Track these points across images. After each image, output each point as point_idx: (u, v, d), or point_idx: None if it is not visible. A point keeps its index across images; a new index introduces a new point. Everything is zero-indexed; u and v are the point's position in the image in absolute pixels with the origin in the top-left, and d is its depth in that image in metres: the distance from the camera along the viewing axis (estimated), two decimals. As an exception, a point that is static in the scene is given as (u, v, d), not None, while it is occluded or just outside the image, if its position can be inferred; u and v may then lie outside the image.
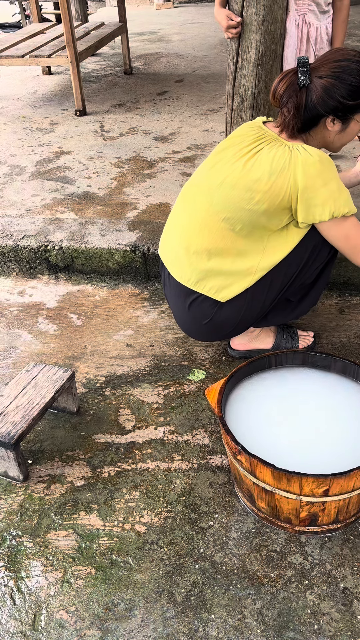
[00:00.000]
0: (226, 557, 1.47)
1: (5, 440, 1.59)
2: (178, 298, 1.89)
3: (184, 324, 1.96)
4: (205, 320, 1.85)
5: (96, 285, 2.59)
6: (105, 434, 1.84)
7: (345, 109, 1.62)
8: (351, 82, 1.59)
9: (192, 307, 1.85)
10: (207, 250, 1.76)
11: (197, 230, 1.77)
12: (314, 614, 1.35)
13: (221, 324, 1.85)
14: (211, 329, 1.89)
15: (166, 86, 4.73)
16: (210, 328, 1.88)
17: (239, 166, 1.68)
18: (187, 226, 1.81)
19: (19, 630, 1.35)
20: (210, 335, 1.95)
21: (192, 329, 1.94)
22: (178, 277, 1.84)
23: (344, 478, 1.34)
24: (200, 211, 1.77)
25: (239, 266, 1.75)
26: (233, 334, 1.96)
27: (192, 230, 1.79)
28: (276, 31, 2.35)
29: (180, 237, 1.83)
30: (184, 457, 1.74)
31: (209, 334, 1.94)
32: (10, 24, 9.13)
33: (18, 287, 2.61)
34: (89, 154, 3.51)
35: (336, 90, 1.59)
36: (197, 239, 1.77)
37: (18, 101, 4.54)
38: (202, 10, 7.99)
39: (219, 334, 1.93)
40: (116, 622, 1.35)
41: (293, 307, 1.97)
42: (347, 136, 1.72)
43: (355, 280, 2.42)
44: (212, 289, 1.79)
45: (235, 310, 1.82)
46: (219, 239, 1.74)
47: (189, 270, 1.81)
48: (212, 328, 1.88)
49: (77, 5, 5.77)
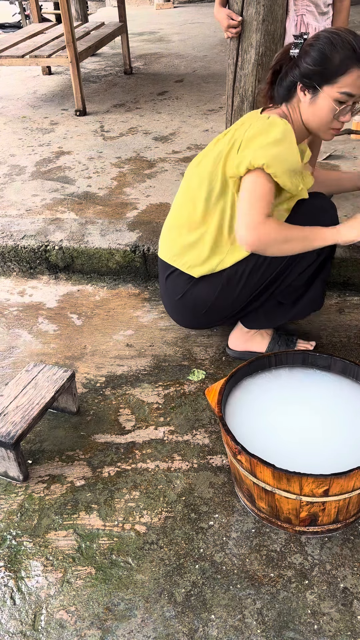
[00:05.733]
0: (226, 557, 1.47)
1: (5, 440, 1.59)
2: (160, 275, 1.98)
3: (164, 302, 2.02)
4: (177, 295, 1.90)
5: (96, 285, 2.59)
6: (105, 434, 1.84)
7: (309, 75, 1.61)
8: (319, 49, 1.60)
9: (168, 282, 1.92)
10: (186, 225, 1.83)
11: (179, 206, 1.88)
12: (314, 614, 1.35)
13: (193, 302, 1.88)
14: (185, 306, 1.92)
15: (166, 86, 4.73)
16: (184, 305, 1.91)
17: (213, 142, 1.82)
18: (175, 204, 1.91)
19: (19, 630, 1.35)
20: (187, 316, 1.97)
21: (169, 307, 2.00)
22: (160, 253, 1.93)
23: (344, 478, 1.34)
24: (184, 189, 1.87)
25: (214, 245, 1.79)
26: (212, 318, 1.95)
27: (175, 208, 1.89)
28: (276, 31, 2.35)
29: (169, 216, 1.94)
30: (184, 457, 1.74)
31: (185, 314, 1.96)
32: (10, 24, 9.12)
33: (18, 287, 2.61)
34: (89, 154, 3.51)
35: (305, 57, 1.62)
36: (178, 213, 1.87)
37: (18, 101, 4.54)
38: (202, 10, 7.99)
39: (195, 315, 1.93)
40: (116, 622, 1.35)
41: (288, 309, 1.97)
42: (319, 112, 1.64)
43: (355, 280, 2.42)
44: (186, 264, 1.84)
45: (208, 289, 1.85)
46: (197, 212, 1.79)
47: (169, 245, 1.90)
48: (185, 305, 1.91)
49: (77, 5, 5.77)
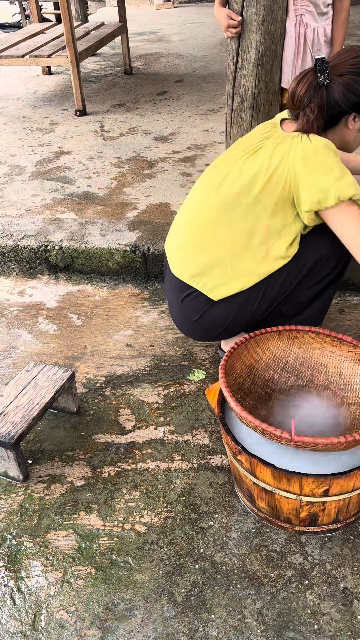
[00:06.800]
0: (226, 557, 1.47)
1: (5, 440, 1.59)
2: (173, 292, 1.89)
3: (176, 319, 1.96)
4: (195, 317, 1.85)
5: (96, 285, 2.59)
6: (105, 434, 1.84)
7: None
8: None
9: (185, 302, 1.84)
10: (207, 246, 1.76)
11: (200, 226, 1.78)
12: (314, 614, 1.35)
13: (210, 323, 1.85)
14: (200, 327, 1.88)
15: (166, 86, 4.73)
16: (200, 326, 1.87)
17: (240, 164, 1.69)
18: (192, 222, 1.81)
19: (19, 630, 1.35)
20: (199, 334, 1.94)
21: (183, 325, 1.94)
22: (176, 272, 1.85)
23: (344, 478, 1.34)
24: (205, 208, 1.77)
25: (236, 266, 1.74)
26: (223, 336, 1.94)
27: (195, 226, 1.79)
28: (276, 31, 2.35)
29: (184, 233, 1.84)
30: (184, 457, 1.74)
31: (198, 332, 1.93)
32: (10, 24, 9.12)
33: (18, 287, 2.61)
34: (89, 154, 3.51)
35: (358, 87, 1.58)
36: (199, 234, 1.78)
37: (18, 101, 4.54)
38: (202, 10, 7.99)
39: (208, 333, 1.92)
40: (116, 622, 1.35)
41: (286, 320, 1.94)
42: None
43: (355, 280, 2.42)
44: (206, 286, 1.78)
45: (225, 311, 1.81)
46: (220, 236, 1.73)
47: (187, 265, 1.80)
48: (201, 326, 1.87)
49: (77, 5, 5.77)
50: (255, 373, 1.65)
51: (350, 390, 1.58)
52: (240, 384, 1.61)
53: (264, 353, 1.66)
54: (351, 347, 1.59)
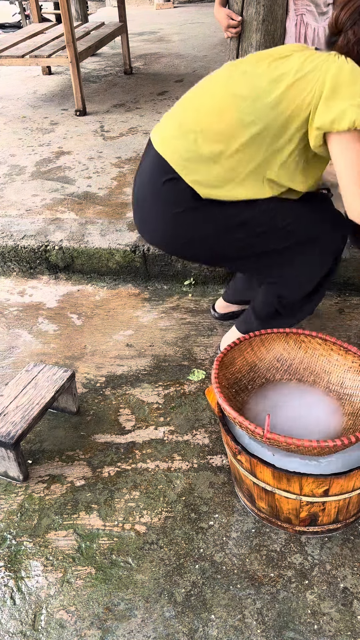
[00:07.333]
0: (226, 557, 1.47)
1: (5, 440, 1.59)
2: (155, 175, 1.69)
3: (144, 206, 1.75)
4: (177, 208, 1.66)
5: (96, 285, 2.59)
6: (105, 434, 1.84)
7: None
8: None
9: (167, 187, 1.66)
10: (211, 136, 1.59)
11: (208, 111, 1.62)
12: (314, 614, 1.35)
13: (192, 225, 1.68)
14: (177, 224, 1.69)
15: (166, 86, 4.73)
16: (178, 222, 1.68)
17: (264, 65, 1.57)
18: (199, 108, 1.65)
19: (19, 630, 1.35)
20: (166, 233, 1.74)
21: (156, 216, 1.72)
22: (162, 151, 1.67)
23: (344, 478, 1.34)
24: (216, 96, 1.62)
25: (231, 168, 1.59)
26: (184, 252, 1.80)
27: (202, 112, 1.63)
28: (276, 31, 2.35)
29: (186, 117, 1.67)
30: (184, 457, 1.74)
31: (167, 231, 1.73)
32: (10, 24, 9.12)
33: (18, 287, 2.61)
34: (89, 154, 3.51)
35: None
36: (205, 118, 1.61)
37: (18, 101, 4.54)
38: (202, 10, 7.99)
39: (174, 240, 1.74)
40: (116, 622, 1.35)
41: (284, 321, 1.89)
42: None
43: (355, 280, 2.42)
44: (193, 177, 1.62)
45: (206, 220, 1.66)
46: (225, 127, 1.57)
47: (178, 147, 1.64)
48: (179, 224, 1.68)
49: (77, 5, 5.77)
50: (257, 371, 1.65)
51: (348, 400, 1.57)
52: (238, 379, 1.61)
53: (269, 353, 1.66)
54: (356, 357, 1.58)
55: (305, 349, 1.65)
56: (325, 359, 1.63)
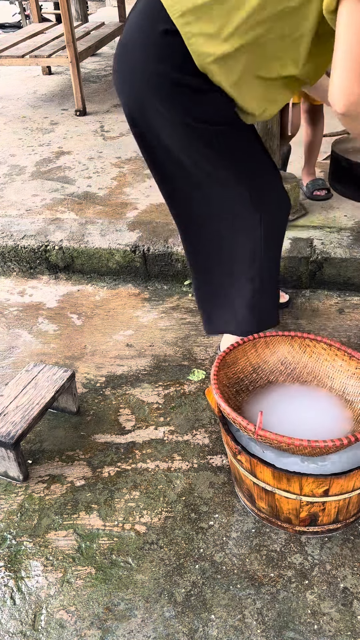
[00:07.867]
0: (226, 557, 1.47)
1: (5, 440, 1.59)
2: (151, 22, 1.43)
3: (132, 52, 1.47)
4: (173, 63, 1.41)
5: (96, 285, 2.59)
6: (105, 434, 1.84)
7: None
8: None
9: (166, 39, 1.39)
10: None
11: None
12: (314, 614, 1.35)
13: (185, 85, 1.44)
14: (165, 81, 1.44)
15: (166, 86, 4.72)
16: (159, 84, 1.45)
17: None
18: None
19: (19, 630, 1.35)
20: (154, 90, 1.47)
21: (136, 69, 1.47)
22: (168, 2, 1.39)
23: (344, 478, 1.34)
24: None
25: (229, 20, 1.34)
26: None
27: None
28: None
29: None
30: (184, 457, 1.74)
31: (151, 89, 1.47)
32: (10, 24, 9.11)
33: (18, 287, 2.61)
34: (89, 154, 3.51)
35: None
36: None
37: (18, 101, 4.54)
38: (202, 10, 7.97)
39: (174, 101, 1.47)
40: (116, 622, 1.35)
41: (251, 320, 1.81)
42: None
43: (355, 280, 2.42)
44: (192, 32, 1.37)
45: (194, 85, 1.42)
46: None
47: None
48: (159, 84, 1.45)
49: (77, 5, 5.77)
50: (259, 373, 1.65)
51: (349, 407, 1.57)
52: (239, 379, 1.61)
53: (273, 355, 1.66)
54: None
55: (310, 353, 1.65)
56: (329, 364, 1.63)
